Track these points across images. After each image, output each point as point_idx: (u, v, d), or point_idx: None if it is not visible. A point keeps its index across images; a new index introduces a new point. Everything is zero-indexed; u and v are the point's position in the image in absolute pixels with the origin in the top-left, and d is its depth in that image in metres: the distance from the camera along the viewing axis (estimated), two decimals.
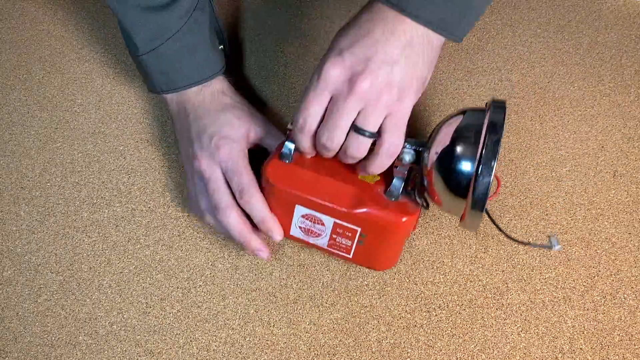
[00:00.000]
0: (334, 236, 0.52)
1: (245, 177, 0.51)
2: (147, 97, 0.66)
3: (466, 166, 0.43)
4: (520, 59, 0.68)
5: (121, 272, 0.57)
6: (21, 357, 0.53)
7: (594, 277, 0.56)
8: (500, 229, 0.50)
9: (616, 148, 0.62)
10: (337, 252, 0.53)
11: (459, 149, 0.43)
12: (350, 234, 0.51)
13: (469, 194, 0.43)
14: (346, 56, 0.41)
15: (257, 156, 0.55)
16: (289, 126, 0.48)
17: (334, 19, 0.72)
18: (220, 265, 0.57)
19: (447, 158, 0.44)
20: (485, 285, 0.55)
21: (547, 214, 0.59)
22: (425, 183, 0.47)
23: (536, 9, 0.72)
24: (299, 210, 0.51)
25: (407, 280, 0.56)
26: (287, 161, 0.50)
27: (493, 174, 0.41)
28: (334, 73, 0.41)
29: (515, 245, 0.57)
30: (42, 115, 0.65)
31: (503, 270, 0.56)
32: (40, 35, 0.71)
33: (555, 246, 0.54)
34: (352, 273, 0.56)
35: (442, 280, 0.56)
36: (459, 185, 0.44)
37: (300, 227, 0.52)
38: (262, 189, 0.52)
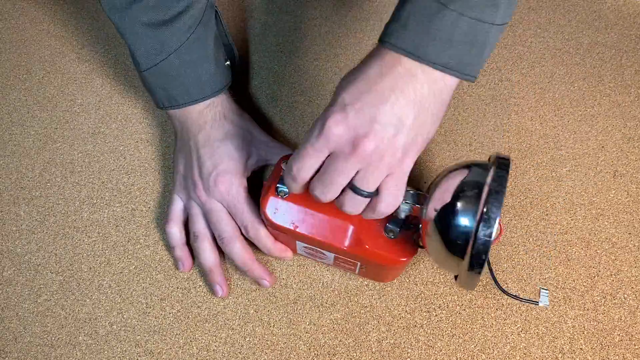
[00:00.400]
0: (338, 262, 0.53)
1: (247, 214, 0.52)
2: (148, 97, 0.66)
3: (465, 229, 0.41)
4: (520, 59, 0.68)
5: (121, 272, 0.57)
6: (21, 357, 0.53)
7: (594, 277, 0.56)
8: (495, 281, 0.49)
9: (616, 148, 0.62)
10: (344, 269, 0.54)
11: (459, 209, 0.41)
12: (351, 264, 0.52)
13: (467, 256, 0.41)
14: (350, 114, 0.38)
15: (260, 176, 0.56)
16: (283, 166, 0.46)
17: (334, 20, 0.72)
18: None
19: (447, 218, 0.42)
20: (485, 285, 0.55)
21: (547, 214, 0.59)
22: (421, 233, 0.45)
23: (536, 9, 0.72)
24: (300, 243, 0.52)
25: (407, 280, 0.56)
26: (283, 196, 0.49)
27: (493, 238, 0.39)
28: (337, 131, 0.38)
29: (515, 245, 0.57)
30: (42, 115, 0.65)
31: (503, 270, 0.56)
32: (40, 35, 0.71)
33: (542, 302, 0.53)
34: (352, 273, 0.56)
35: (442, 280, 0.56)
36: (456, 246, 0.41)
37: (305, 251, 0.54)
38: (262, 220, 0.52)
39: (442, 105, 0.40)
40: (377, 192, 0.41)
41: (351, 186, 0.40)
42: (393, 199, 0.41)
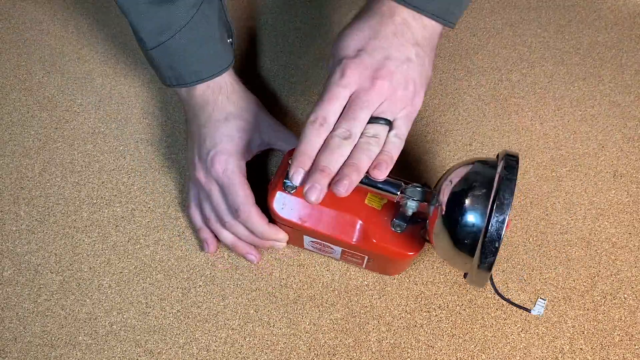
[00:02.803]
0: (345, 255, 0.53)
1: (240, 196, 0.52)
2: (147, 97, 0.66)
3: (474, 227, 0.41)
4: (520, 59, 0.68)
5: (121, 272, 0.57)
6: (21, 357, 0.53)
7: (594, 277, 0.56)
8: (496, 290, 0.49)
9: (616, 148, 0.62)
10: (350, 263, 0.55)
11: (467, 206, 0.41)
12: (359, 258, 0.52)
13: (477, 252, 0.41)
14: (364, 57, 0.43)
15: (259, 163, 0.56)
16: (289, 161, 0.48)
17: (334, 19, 0.72)
18: (220, 265, 0.57)
19: (455, 215, 0.42)
20: (485, 285, 0.55)
21: (547, 214, 0.59)
22: (428, 230, 0.45)
23: (536, 9, 0.72)
24: (307, 238, 0.52)
25: (407, 280, 0.56)
26: (290, 192, 0.50)
27: (504, 233, 0.39)
28: (356, 72, 0.43)
29: (516, 245, 0.57)
30: (42, 115, 0.65)
31: (503, 271, 0.56)
32: (40, 35, 0.71)
33: (536, 311, 0.52)
34: (352, 273, 0.56)
35: (442, 280, 0.56)
36: (464, 244, 0.42)
37: (312, 246, 0.54)
38: (268, 216, 0.52)
39: (432, 49, 0.46)
40: (391, 126, 0.44)
41: (370, 119, 0.44)
42: (404, 128, 0.45)
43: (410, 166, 0.61)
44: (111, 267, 0.57)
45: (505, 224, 0.39)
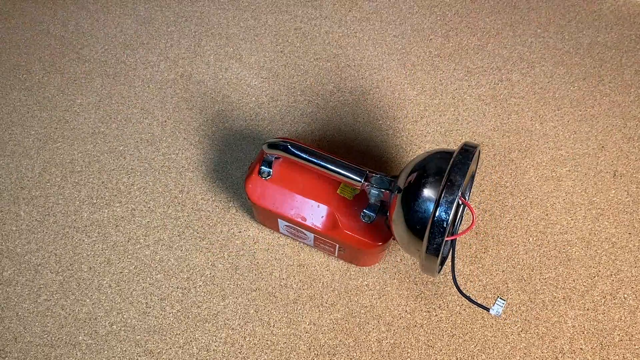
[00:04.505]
0: (317, 242, 0.54)
1: None
2: (147, 97, 0.66)
3: (426, 208, 0.41)
4: (520, 59, 0.68)
5: (121, 272, 0.57)
6: (21, 357, 0.53)
7: (594, 277, 0.56)
8: (456, 284, 0.47)
9: (616, 148, 0.62)
10: (324, 251, 0.55)
11: (420, 193, 0.42)
12: (330, 246, 0.53)
13: (426, 234, 0.41)
14: None
15: None
16: (263, 146, 0.49)
17: (334, 19, 0.72)
18: (220, 265, 0.57)
19: (409, 202, 0.42)
20: (485, 285, 0.55)
21: (547, 214, 0.59)
22: (388, 217, 0.46)
23: (536, 9, 0.72)
24: (282, 222, 0.53)
25: (407, 280, 0.56)
26: (265, 178, 0.51)
27: (451, 216, 0.40)
28: None
29: (516, 245, 0.57)
30: (42, 115, 0.65)
31: (503, 271, 0.56)
32: (40, 35, 0.71)
33: (494, 311, 0.48)
34: (352, 273, 0.56)
35: (442, 280, 0.56)
36: (417, 228, 0.42)
37: (287, 230, 0.54)
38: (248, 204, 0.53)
39: None
40: None
41: None
42: None
43: None
44: (111, 267, 0.57)
45: (456, 206, 0.40)
